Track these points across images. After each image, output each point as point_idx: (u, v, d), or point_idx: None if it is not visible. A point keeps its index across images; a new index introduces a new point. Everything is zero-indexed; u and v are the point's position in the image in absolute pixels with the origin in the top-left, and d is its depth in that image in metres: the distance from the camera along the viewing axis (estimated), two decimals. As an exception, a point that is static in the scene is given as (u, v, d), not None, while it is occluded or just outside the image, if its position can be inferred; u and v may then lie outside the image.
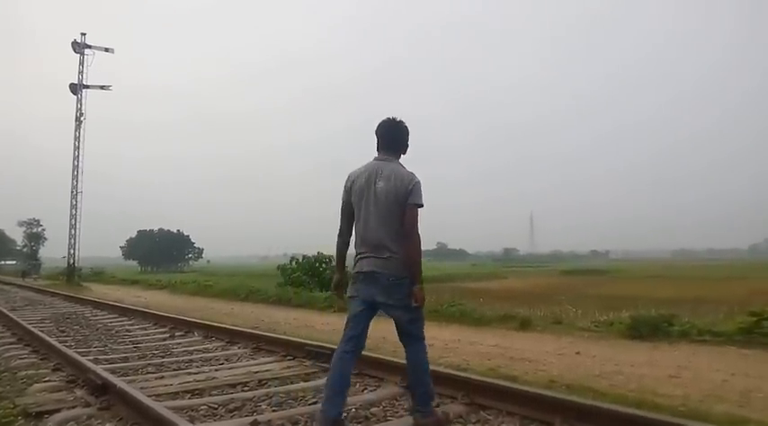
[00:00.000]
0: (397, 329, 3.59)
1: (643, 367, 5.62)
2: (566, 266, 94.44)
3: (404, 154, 3.71)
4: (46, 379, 5.12)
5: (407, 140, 3.72)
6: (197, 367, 5.65)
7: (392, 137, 3.67)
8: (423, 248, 3.61)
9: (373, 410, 3.93)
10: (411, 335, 3.57)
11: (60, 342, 6.90)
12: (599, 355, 6.28)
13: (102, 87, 33.11)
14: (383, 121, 3.69)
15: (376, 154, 3.67)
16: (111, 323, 9.98)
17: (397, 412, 3.92)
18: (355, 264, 3.58)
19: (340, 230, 3.70)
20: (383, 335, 7.79)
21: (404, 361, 3.75)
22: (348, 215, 3.65)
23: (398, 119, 3.69)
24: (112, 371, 5.09)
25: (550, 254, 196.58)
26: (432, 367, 3.93)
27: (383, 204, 3.46)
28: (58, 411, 3.99)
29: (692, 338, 6.90)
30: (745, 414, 3.88)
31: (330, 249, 20.15)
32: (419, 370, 3.59)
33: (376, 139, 3.70)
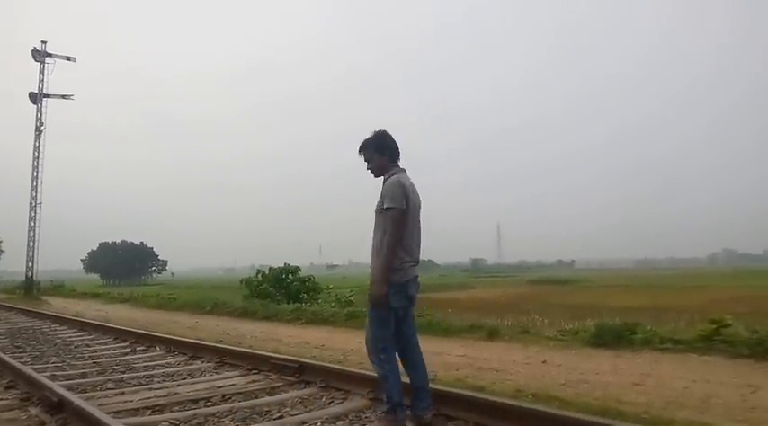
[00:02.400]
0: (404, 328, 3.77)
1: (607, 375, 5.69)
2: (532, 276, 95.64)
3: None
4: (-2, 398, 4.92)
5: None
6: (158, 382, 5.50)
7: (398, 148, 3.84)
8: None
9: (339, 423, 3.88)
10: (413, 330, 3.85)
11: (15, 358, 6.64)
12: (564, 364, 6.34)
13: (63, 96, 32.27)
14: (387, 133, 3.82)
15: (397, 165, 3.80)
16: (70, 337, 9.67)
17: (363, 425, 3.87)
18: (404, 272, 3.63)
19: (401, 239, 3.60)
20: (351, 347, 7.76)
21: (371, 373, 3.98)
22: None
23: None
24: (69, 388, 4.90)
25: (517, 264, 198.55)
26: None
27: (418, 216, 3.77)
28: (9, 431, 3.84)
29: (655, 346, 7.01)
30: (705, 420, 3.95)
31: (297, 260, 20.02)
32: (424, 365, 3.85)
33: (388, 151, 3.79)
